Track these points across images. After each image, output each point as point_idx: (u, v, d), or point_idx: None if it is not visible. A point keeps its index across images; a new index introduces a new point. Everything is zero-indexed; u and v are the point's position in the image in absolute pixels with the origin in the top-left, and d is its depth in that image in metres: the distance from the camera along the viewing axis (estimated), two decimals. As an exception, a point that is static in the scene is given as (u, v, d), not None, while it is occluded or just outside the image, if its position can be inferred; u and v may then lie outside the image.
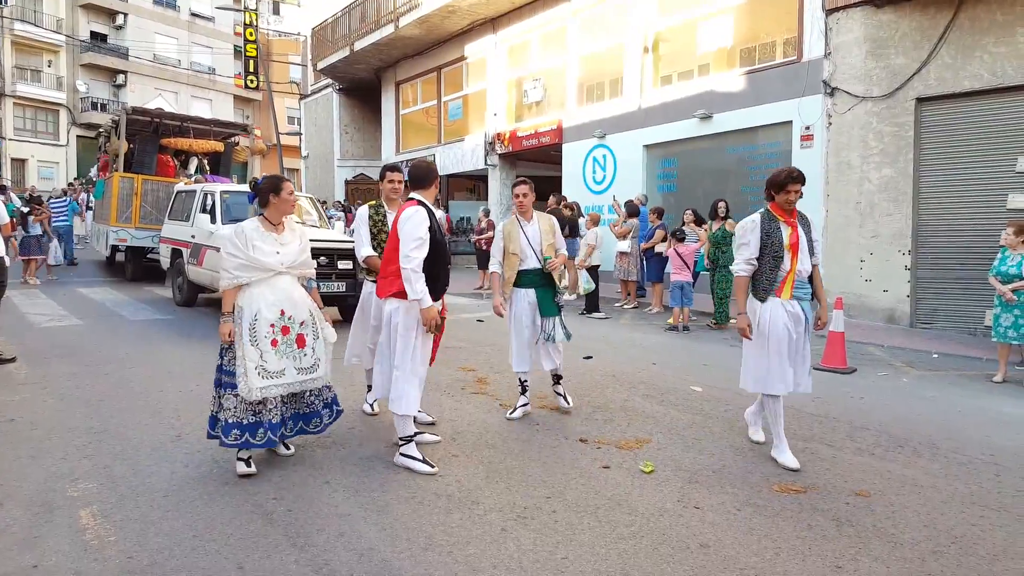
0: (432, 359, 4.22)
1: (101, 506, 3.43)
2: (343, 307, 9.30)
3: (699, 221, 10.38)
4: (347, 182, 24.48)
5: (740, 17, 12.40)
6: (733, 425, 5.09)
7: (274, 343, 3.79)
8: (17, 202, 14.35)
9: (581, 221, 12.42)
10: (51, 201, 15.40)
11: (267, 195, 3.87)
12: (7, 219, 7.03)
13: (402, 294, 3.89)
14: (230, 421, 3.75)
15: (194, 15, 39.46)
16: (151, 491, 3.62)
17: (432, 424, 4.86)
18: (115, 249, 13.50)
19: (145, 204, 12.84)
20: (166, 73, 37.69)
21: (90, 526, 3.22)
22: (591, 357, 7.34)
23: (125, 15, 36.23)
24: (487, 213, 14.94)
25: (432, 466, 3.97)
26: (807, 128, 10.73)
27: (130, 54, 35.73)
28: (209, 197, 9.82)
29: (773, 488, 3.87)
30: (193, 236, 9.77)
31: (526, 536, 3.22)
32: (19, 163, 33.31)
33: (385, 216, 4.82)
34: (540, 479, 3.90)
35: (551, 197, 12.63)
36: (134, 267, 13.45)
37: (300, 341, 3.91)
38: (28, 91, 33.27)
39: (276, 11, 43.65)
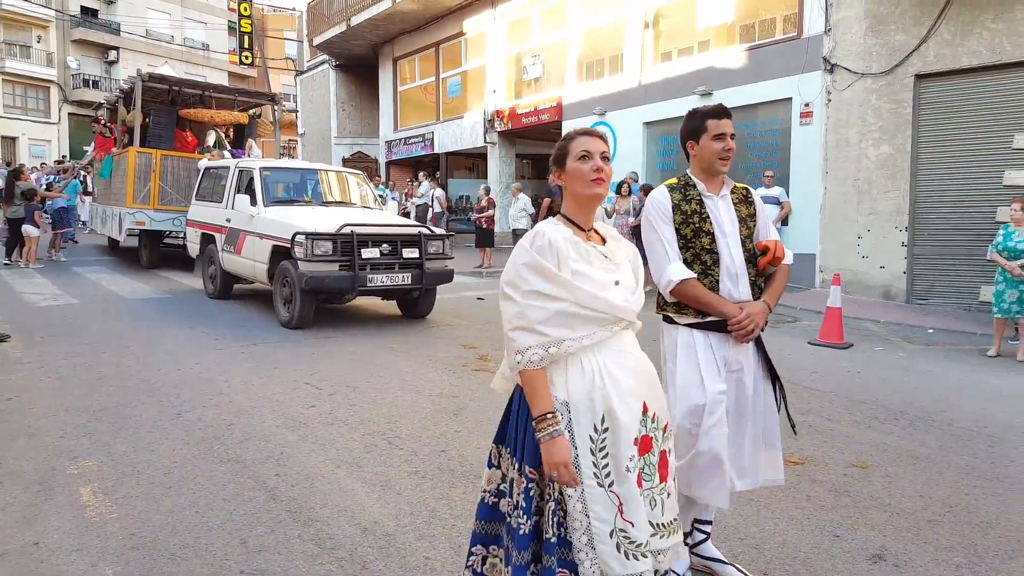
0: None
1: (102, 484, 3.40)
2: (403, 301, 8.46)
3: None
4: (344, 160, 24.33)
5: (740, -8, 12.30)
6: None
7: (639, 480, 1.85)
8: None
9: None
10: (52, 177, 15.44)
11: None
12: None
13: None
14: None
15: (186, -11, 38.96)
16: (152, 468, 3.60)
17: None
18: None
19: (164, 183, 11.68)
20: (159, 49, 37.11)
21: (91, 503, 3.18)
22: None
23: (116, -11, 35.76)
24: (487, 191, 14.90)
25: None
26: (806, 105, 10.69)
27: (122, 29, 35.22)
28: (246, 175, 8.74)
29: (771, 461, 3.92)
30: (229, 220, 8.72)
31: (528, 507, 3.26)
32: (10, 141, 32.98)
33: (701, 202, 2.58)
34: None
35: (551, 175, 12.57)
36: (151, 253, 12.26)
37: (663, 465, 1.96)
38: (17, 67, 32.86)
39: (270, -14, 43.10)
